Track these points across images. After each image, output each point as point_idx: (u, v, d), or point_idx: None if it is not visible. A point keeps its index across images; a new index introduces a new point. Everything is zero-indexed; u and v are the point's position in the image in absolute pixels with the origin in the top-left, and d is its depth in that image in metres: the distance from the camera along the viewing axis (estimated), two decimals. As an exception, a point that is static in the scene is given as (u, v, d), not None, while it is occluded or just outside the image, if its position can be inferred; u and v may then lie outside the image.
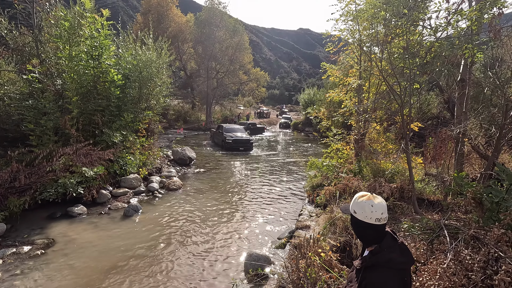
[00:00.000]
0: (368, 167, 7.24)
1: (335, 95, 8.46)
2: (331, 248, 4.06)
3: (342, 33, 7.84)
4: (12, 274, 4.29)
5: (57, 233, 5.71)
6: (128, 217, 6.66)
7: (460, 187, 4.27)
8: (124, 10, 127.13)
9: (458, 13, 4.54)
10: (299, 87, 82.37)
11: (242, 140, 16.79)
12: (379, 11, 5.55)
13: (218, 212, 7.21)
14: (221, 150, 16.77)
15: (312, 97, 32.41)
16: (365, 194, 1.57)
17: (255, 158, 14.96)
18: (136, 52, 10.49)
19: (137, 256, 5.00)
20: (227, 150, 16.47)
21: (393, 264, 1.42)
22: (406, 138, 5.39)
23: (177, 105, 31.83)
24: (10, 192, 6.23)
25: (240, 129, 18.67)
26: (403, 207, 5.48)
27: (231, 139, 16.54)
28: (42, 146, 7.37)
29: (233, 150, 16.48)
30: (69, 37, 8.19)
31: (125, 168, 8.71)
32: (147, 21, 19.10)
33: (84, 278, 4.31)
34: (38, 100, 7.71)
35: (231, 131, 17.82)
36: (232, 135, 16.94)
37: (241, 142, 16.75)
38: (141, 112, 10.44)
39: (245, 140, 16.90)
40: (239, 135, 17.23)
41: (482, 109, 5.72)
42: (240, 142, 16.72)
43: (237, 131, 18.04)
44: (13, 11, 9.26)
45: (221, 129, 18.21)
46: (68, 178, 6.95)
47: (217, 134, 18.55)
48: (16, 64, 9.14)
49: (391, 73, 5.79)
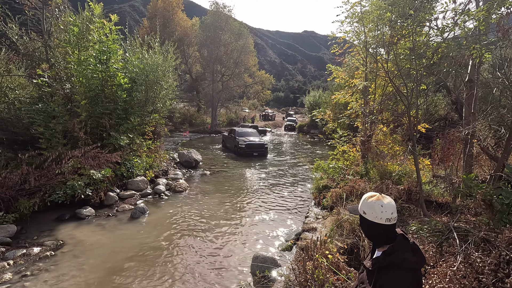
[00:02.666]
0: (375, 169, 7.19)
1: (341, 97, 8.44)
2: (338, 250, 4.03)
3: (348, 35, 7.85)
4: (22, 275, 4.35)
5: (66, 234, 5.79)
6: (135, 219, 6.71)
7: (470, 189, 4.21)
8: (131, 15, 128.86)
9: (465, 14, 4.50)
10: (304, 89, 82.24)
11: (256, 145, 15.82)
12: (384, 13, 5.54)
13: (223, 214, 7.22)
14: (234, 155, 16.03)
15: (317, 99, 32.33)
16: (374, 194, 1.57)
17: (260, 160, 14.96)
18: (143, 56, 10.62)
19: (144, 257, 5.03)
20: (240, 156, 15.62)
21: (407, 264, 1.42)
22: (413, 139, 5.34)
23: (182, 108, 32.06)
24: (20, 194, 6.33)
25: (253, 133, 17.73)
26: (411, 209, 5.42)
27: (244, 144, 15.60)
28: (51, 149, 7.49)
29: (246, 155, 15.56)
30: (77, 42, 8.35)
31: (132, 171, 8.80)
32: (153, 25, 19.35)
33: (93, 279, 4.35)
34: (47, 103, 7.85)
35: (244, 135, 16.93)
36: (245, 140, 15.99)
37: (255, 147, 15.79)
38: (147, 115, 10.54)
39: (259, 145, 15.92)
40: (253, 139, 16.26)
41: (491, 110, 5.65)
42: (254, 147, 15.75)
43: (250, 135, 17.13)
44: (24, 18, 9.48)
45: (234, 133, 17.24)
46: (77, 180, 7.05)
47: (229, 139, 17.67)
48: (26, 69, 9.33)
49: (398, 75, 5.76)
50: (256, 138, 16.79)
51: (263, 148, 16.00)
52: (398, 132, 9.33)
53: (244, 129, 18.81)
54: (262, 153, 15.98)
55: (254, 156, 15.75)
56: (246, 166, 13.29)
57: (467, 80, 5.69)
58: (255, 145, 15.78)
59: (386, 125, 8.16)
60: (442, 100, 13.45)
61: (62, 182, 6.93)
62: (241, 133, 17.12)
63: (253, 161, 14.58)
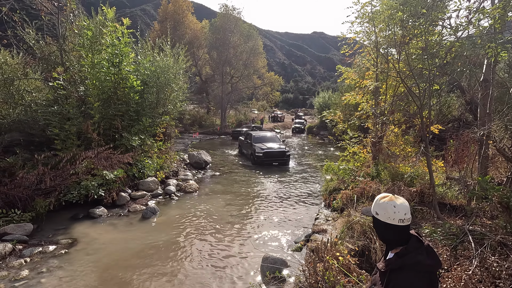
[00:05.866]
0: (386, 170, 7.08)
1: (351, 98, 8.35)
2: (349, 252, 3.99)
3: (358, 35, 7.77)
4: (39, 272, 4.49)
5: (79, 233, 5.93)
6: (146, 219, 6.82)
7: (485, 191, 4.10)
8: (142, 19, 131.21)
9: (480, 12, 4.40)
10: (313, 90, 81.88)
11: (275, 153, 13.52)
12: (395, 12, 5.46)
13: (233, 214, 7.25)
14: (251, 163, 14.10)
15: (327, 100, 32.09)
16: (386, 195, 1.55)
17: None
18: (154, 58, 10.80)
19: (155, 256, 5.10)
20: (257, 165, 13.47)
21: (420, 266, 1.39)
22: (426, 140, 5.25)
23: (192, 109, 32.42)
24: (36, 194, 6.53)
25: (273, 138, 15.27)
26: (423, 211, 5.32)
27: (261, 152, 13.34)
28: (66, 150, 7.69)
29: (264, 164, 13.42)
30: (91, 46, 8.57)
31: (143, 171, 8.94)
32: (164, 28, 19.63)
33: (105, 276, 4.44)
34: (62, 106, 8.08)
35: (261, 140, 14.58)
36: (262, 146, 13.73)
37: (274, 155, 13.51)
38: (158, 117, 10.70)
39: (279, 152, 13.56)
40: (272, 145, 13.92)
41: (508, 110, 5.50)
42: (272, 155, 13.48)
43: (269, 140, 14.70)
44: (40, 23, 9.79)
45: (250, 138, 14.99)
46: (90, 180, 7.21)
47: (245, 144, 15.48)
48: (42, 72, 9.62)
49: (409, 75, 5.67)
50: (276, 144, 14.35)
51: (285, 156, 13.66)
52: (410, 133, 9.17)
53: (261, 133, 16.51)
54: (283, 161, 13.69)
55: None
56: (255, 167, 13.28)
57: (482, 79, 5.55)
58: (274, 153, 13.53)
59: (398, 126, 8.03)
60: (455, 100, 13.17)
61: (76, 182, 7.11)
62: (258, 138, 14.78)
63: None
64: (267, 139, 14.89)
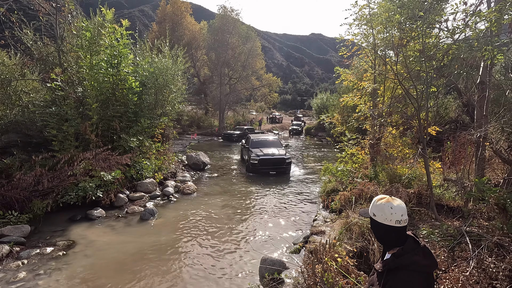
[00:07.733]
0: (384, 172, 7.11)
1: (349, 99, 8.40)
2: (348, 253, 4.00)
3: (356, 37, 7.82)
4: (36, 274, 4.46)
5: (77, 235, 5.90)
6: (144, 220, 6.80)
7: (482, 193, 4.13)
8: (140, 20, 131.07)
9: (477, 15, 4.45)
10: (311, 92, 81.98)
11: (273, 160, 11.70)
12: (393, 15, 5.51)
13: (231, 216, 7.24)
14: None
15: (325, 101, 32.17)
16: (384, 196, 1.57)
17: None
18: (153, 60, 10.80)
19: (153, 258, 5.09)
20: (252, 173, 11.89)
21: (416, 267, 1.41)
22: (424, 142, 5.28)
23: (190, 111, 32.36)
24: (34, 195, 6.49)
25: (274, 143, 13.52)
26: (421, 213, 5.35)
27: (256, 159, 11.57)
28: (64, 151, 7.67)
29: (259, 173, 11.72)
30: (89, 47, 8.56)
31: (141, 173, 8.91)
32: (163, 29, 19.63)
33: (103, 278, 4.42)
34: (60, 107, 8.05)
35: (259, 145, 12.87)
36: (259, 152, 11.97)
37: (271, 163, 11.68)
38: (157, 118, 10.70)
39: (277, 160, 11.75)
40: (270, 151, 12.12)
41: (504, 112, 5.55)
42: (269, 163, 11.65)
43: (269, 145, 13.01)
44: (38, 23, 9.76)
45: (248, 142, 13.40)
46: (88, 182, 7.19)
47: (244, 149, 13.99)
48: (40, 73, 9.60)
49: (407, 77, 5.71)
50: (276, 149, 12.54)
51: (284, 164, 11.80)
52: (407, 134, 9.22)
53: (260, 136, 14.61)
54: (282, 170, 11.85)
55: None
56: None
57: (478, 82, 5.60)
58: (272, 160, 11.72)
59: (396, 128, 8.08)
60: (452, 102, 13.25)
61: (74, 184, 7.08)
62: (256, 143, 13.11)
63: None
64: (267, 143, 13.27)
